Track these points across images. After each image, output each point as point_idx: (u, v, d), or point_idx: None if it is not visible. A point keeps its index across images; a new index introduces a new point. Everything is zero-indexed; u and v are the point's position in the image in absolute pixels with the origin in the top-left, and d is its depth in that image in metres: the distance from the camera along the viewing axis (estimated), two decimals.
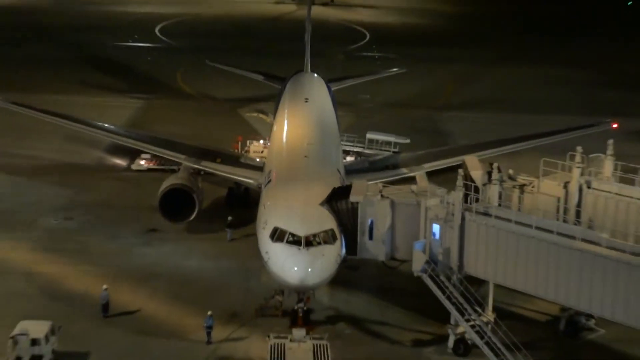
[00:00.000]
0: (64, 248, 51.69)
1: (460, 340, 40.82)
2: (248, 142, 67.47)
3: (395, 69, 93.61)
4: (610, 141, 44.50)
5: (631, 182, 42.22)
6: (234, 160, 59.62)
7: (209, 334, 41.24)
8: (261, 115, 77.28)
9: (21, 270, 48.44)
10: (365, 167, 59.43)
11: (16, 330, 38.11)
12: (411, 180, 54.98)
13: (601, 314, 38.46)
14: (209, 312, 41.42)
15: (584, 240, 37.10)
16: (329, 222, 41.49)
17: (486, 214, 39.78)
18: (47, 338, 38.22)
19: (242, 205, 57.31)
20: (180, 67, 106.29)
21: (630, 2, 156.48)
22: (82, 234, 54.17)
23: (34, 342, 37.76)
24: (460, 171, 43.02)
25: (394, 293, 46.51)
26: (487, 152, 58.94)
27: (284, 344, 37.54)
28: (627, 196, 41.69)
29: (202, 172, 57.36)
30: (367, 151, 66.62)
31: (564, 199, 42.73)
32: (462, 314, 39.59)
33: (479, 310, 40.07)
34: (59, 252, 51.00)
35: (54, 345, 38.84)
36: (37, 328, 38.39)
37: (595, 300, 36.90)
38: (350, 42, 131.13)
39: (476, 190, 41.26)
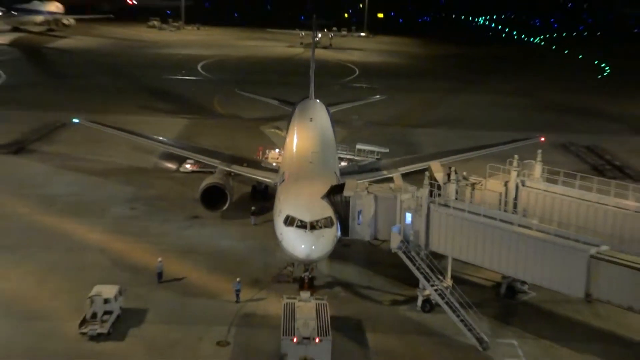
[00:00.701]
0: (128, 230, 51.68)
1: (427, 301, 40.92)
2: (267, 150, 67.59)
3: (378, 96, 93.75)
4: (539, 151, 44.62)
5: (555, 182, 42.39)
6: (256, 164, 59.53)
7: (237, 295, 41.31)
8: (276, 131, 77.40)
9: (96, 247, 48.50)
10: (355, 170, 59.11)
11: (92, 292, 38.28)
12: (389, 180, 55.01)
13: (532, 281, 38.66)
14: (238, 279, 41.56)
15: (519, 225, 37.24)
16: (328, 211, 41.46)
17: (446, 206, 39.83)
18: (116, 298, 38.40)
19: (262, 199, 57.17)
20: (216, 95, 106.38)
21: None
22: (142, 220, 54.12)
23: (106, 301, 37.94)
24: (427, 173, 43.22)
25: (377, 265, 46.46)
26: (447, 158, 58.53)
27: (294, 303, 37.44)
28: (552, 192, 41.88)
29: (232, 174, 57.18)
30: (356, 158, 66.44)
31: (505, 194, 42.84)
32: (428, 281, 39.67)
33: (441, 277, 40.09)
34: (125, 233, 50.99)
35: (121, 304, 39.05)
36: (108, 290, 38.55)
37: (528, 270, 37.04)
38: (344, 76, 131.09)
39: (439, 187, 41.28)
